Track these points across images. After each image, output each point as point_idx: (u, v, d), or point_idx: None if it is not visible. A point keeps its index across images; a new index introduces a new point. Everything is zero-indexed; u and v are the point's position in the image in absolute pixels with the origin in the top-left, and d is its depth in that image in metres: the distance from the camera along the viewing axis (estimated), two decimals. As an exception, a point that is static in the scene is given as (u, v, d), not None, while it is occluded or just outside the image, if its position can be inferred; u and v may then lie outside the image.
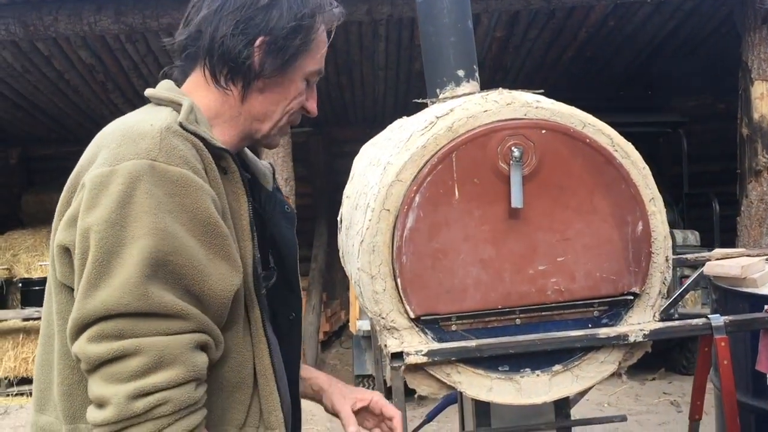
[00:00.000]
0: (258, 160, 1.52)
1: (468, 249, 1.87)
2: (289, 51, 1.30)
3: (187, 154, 1.17)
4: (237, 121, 1.34)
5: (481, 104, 1.89)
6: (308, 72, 1.36)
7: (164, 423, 1.07)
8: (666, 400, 5.72)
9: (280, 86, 1.33)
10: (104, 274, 1.07)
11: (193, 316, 1.11)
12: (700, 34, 7.22)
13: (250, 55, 1.28)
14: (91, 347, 1.06)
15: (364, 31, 6.61)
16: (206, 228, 1.14)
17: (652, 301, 1.96)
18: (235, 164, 1.27)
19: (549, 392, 1.95)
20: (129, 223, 1.08)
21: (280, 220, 1.47)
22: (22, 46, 6.41)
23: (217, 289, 1.13)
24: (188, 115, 1.23)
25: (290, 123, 1.40)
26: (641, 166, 1.92)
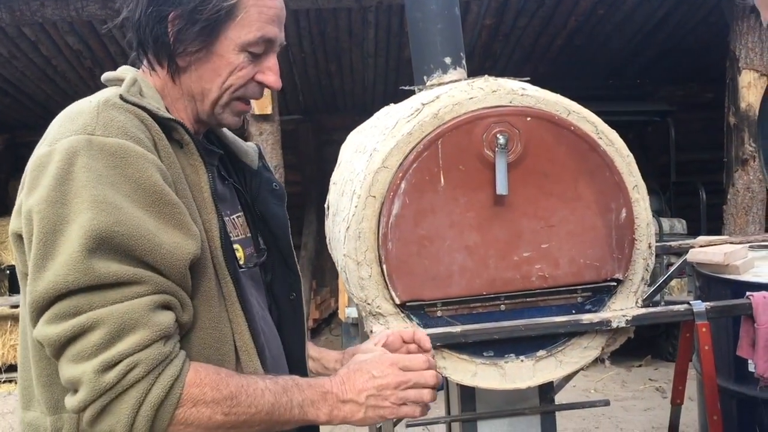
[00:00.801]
0: (240, 140, 1.48)
1: (453, 235, 1.89)
2: (199, 23, 1.20)
3: (126, 124, 1.13)
4: (181, 102, 1.28)
5: (466, 91, 1.90)
6: (242, 43, 1.23)
7: (144, 387, 1.04)
8: (651, 386, 5.78)
9: (208, 62, 1.23)
10: (48, 254, 1.04)
11: (148, 279, 1.07)
12: (689, 23, 7.23)
13: (165, 33, 1.21)
14: (50, 329, 1.04)
15: (354, 18, 6.59)
16: (152, 197, 1.10)
17: (635, 288, 1.98)
18: (189, 135, 1.22)
19: (533, 377, 1.98)
20: (69, 199, 1.05)
21: (267, 198, 1.43)
22: (9, 31, 6.36)
23: (171, 257, 1.09)
24: (129, 88, 1.19)
25: (243, 98, 1.30)
26: (625, 154, 1.93)
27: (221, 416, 1.10)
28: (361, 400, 1.21)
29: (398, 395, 1.22)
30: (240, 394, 1.12)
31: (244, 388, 1.13)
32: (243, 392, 1.12)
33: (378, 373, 1.23)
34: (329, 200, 2.39)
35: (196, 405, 1.08)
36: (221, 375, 1.13)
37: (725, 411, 2.47)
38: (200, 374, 1.10)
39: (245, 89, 1.28)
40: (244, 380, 1.14)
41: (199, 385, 1.09)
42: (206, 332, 1.19)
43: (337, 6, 5.81)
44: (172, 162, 1.18)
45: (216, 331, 1.20)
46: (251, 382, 1.15)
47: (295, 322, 1.46)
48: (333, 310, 8.46)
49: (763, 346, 2.02)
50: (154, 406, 1.04)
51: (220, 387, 1.11)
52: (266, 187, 1.45)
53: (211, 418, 1.10)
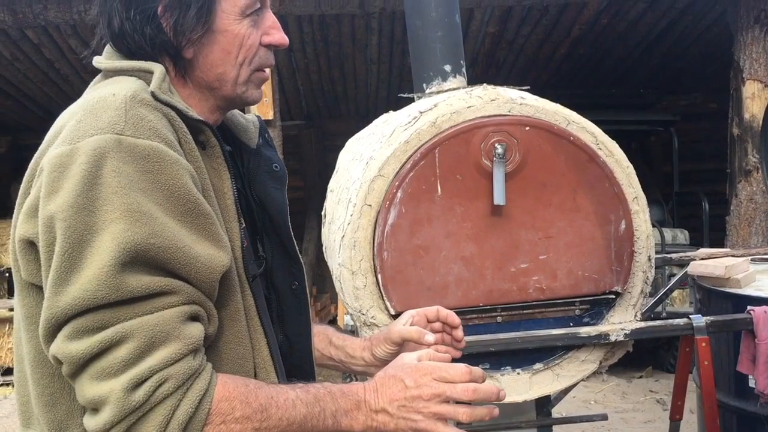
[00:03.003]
0: (239, 114, 1.36)
1: (450, 246, 1.86)
2: (194, 4, 1.11)
3: (157, 125, 1.04)
4: (197, 99, 1.19)
5: (465, 100, 1.88)
6: (241, 7, 1.15)
7: (172, 403, 0.96)
8: (652, 398, 5.73)
9: (215, 43, 1.15)
10: (75, 266, 0.95)
11: (179, 289, 1.00)
12: (693, 32, 7.22)
13: (160, 30, 1.12)
14: (73, 345, 0.95)
15: (357, 24, 6.58)
16: (186, 206, 1.02)
17: (634, 301, 1.96)
18: (216, 138, 1.14)
19: (529, 391, 1.95)
20: (98, 206, 0.96)
21: (265, 180, 1.31)
22: (12, 34, 6.36)
23: (206, 270, 1.02)
24: (161, 84, 1.10)
25: (259, 68, 1.21)
26: (625, 165, 1.91)
27: (251, 430, 1.04)
28: (392, 410, 1.13)
29: (431, 409, 1.13)
30: (270, 406, 1.05)
31: (275, 400, 1.06)
32: (273, 404, 1.06)
33: (411, 382, 1.14)
34: (326, 208, 2.36)
35: (225, 421, 1.02)
36: (250, 387, 1.06)
37: (725, 427, 2.44)
38: (228, 387, 1.03)
39: (258, 58, 1.19)
40: (274, 391, 1.08)
41: (227, 399, 1.02)
42: (230, 348, 1.13)
43: (341, 12, 5.80)
44: (200, 167, 1.10)
45: (240, 347, 1.14)
46: (281, 393, 1.08)
47: (300, 313, 1.36)
48: (333, 317, 8.43)
49: (763, 361, 1.99)
50: (182, 424, 0.97)
51: (249, 400, 1.04)
52: (265, 168, 1.32)
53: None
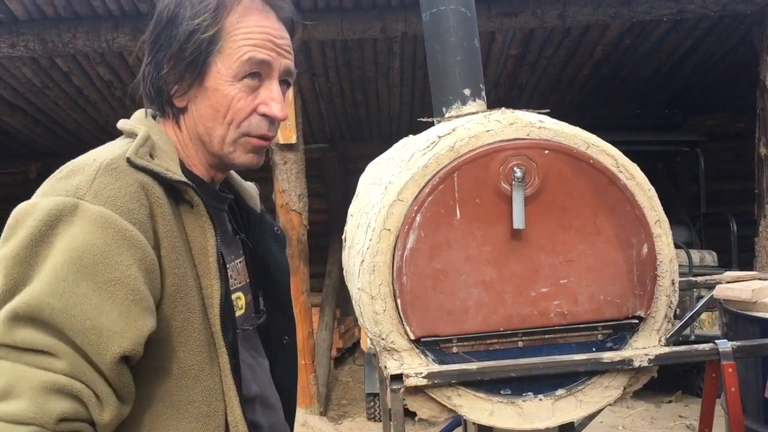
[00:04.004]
0: (242, 181, 1.45)
1: (469, 270, 1.85)
2: (185, 59, 1.17)
3: (118, 193, 1.08)
4: (193, 149, 1.25)
5: (483, 124, 1.88)
6: (234, 72, 1.18)
7: None
8: (682, 423, 5.62)
9: (205, 98, 1.19)
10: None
11: (66, 357, 0.99)
12: (718, 52, 7.17)
13: (162, 78, 1.19)
14: None
15: (379, 48, 6.63)
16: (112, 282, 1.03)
17: (657, 325, 1.92)
18: (199, 197, 1.17)
19: (552, 417, 1.92)
20: (36, 264, 1.01)
21: (270, 244, 1.40)
22: (42, 62, 6.51)
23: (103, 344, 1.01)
24: (139, 149, 1.14)
25: (249, 134, 1.22)
26: (646, 188, 1.89)
27: None
28: None
29: None
30: None
31: None
32: None
33: None
34: (346, 231, 2.37)
35: None
36: None
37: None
38: None
39: (249, 123, 1.22)
40: None
41: None
42: (195, 407, 1.13)
43: (363, 37, 5.86)
44: (170, 230, 1.12)
45: (205, 406, 1.14)
46: None
47: (287, 364, 1.43)
48: (357, 339, 8.40)
49: (793, 387, 1.94)
50: None
51: None
52: (269, 233, 1.41)
53: None
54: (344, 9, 5.62)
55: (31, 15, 5.50)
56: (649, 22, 6.11)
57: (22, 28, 5.60)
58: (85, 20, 5.60)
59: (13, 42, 5.61)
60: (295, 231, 5.74)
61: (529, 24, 5.82)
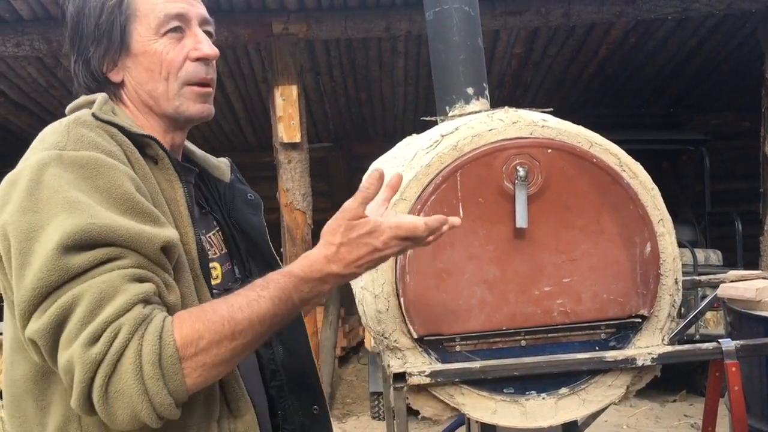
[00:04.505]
0: (211, 156, 1.49)
1: (472, 269, 1.85)
2: (105, 34, 1.24)
3: (97, 139, 1.13)
4: (143, 119, 1.29)
5: (486, 123, 1.88)
6: (153, 28, 1.25)
7: (135, 347, 1.00)
8: (686, 422, 5.61)
9: (138, 64, 1.26)
10: (27, 259, 1.03)
11: (125, 255, 1.05)
12: (723, 51, 7.15)
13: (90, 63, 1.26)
14: (37, 323, 1.02)
15: (383, 48, 6.63)
16: (125, 205, 1.09)
17: (661, 324, 1.92)
18: (163, 150, 1.23)
19: (555, 416, 1.92)
20: (41, 206, 1.04)
21: (243, 209, 1.44)
22: (47, 62, 6.53)
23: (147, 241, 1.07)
24: (102, 106, 1.21)
25: (189, 82, 1.28)
26: (650, 187, 1.88)
27: (229, 343, 1.06)
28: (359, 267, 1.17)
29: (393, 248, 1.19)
30: (234, 312, 1.08)
31: (236, 305, 1.09)
32: (236, 310, 1.08)
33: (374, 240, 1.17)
34: (350, 231, 2.37)
35: (198, 350, 1.04)
36: (205, 307, 1.10)
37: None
38: (183, 317, 1.06)
39: (185, 72, 1.27)
40: (232, 298, 1.11)
41: (189, 327, 1.05)
42: None
43: (367, 36, 5.86)
44: (147, 175, 1.18)
45: None
46: (240, 297, 1.11)
47: (292, 328, 1.45)
48: (361, 338, 8.40)
49: (797, 387, 1.94)
50: (155, 364, 1.00)
51: (211, 318, 1.06)
52: (241, 198, 1.46)
53: (220, 351, 1.06)
54: (348, 8, 5.62)
55: (36, 14, 5.51)
56: (653, 20, 6.09)
57: (27, 28, 5.61)
58: (90, 20, 5.61)
59: (18, 41, 5.63)
60: (299, 230, 5.75)
61: (534, 23, 5.81)
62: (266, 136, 7.37)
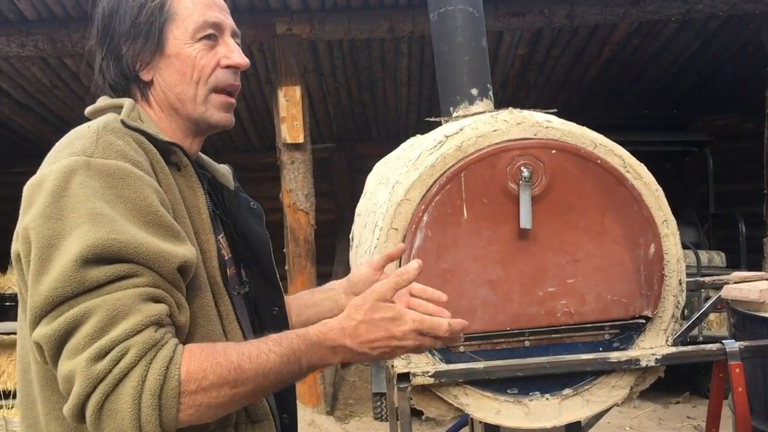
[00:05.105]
0: (214, 163, 1.51)
1: (476, 269, 1.86)
2: (142, 32, 1.26)
3: (125, 148, 1.14)
4: (167, 122, 1.31)
5: (490, 123, 1.88)
6: (190, 33, 1.28)
7: (140, 373, 1.00)
8: (689, 424, 5.60)
9: (170, 66, 1.28)
10: (45, 266, 1.03)
11: (142, 273, 1.06)
12: (727, 52, 7.14)
13: (121, 60, 1.27)
14: (46, 328, 1.02)
15: (387, 48, 6.64)
16: (147, 218, 1.10)
17: (664, 325, 1.92)
18: (188, 158, 1.25)
19: (559, 416, 1.92)
20: (65, 215, 1.05)
21: (248, 217, 1.46)
22: (51, 62, 6.54)
23: (164, 260, 1.08)
24: (130, 113, 1.22)
25: (219, 90, 1.31)
26: (654, 188, 1.89)
27: (229, 389, 1.07)
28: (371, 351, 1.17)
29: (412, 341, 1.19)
30: (242, 362, 1.08)
31: (245, 355, 1.09)
32: (245, 359, 1.09)
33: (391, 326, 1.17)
34: (353, 231, 2.38)
35: (200, 388, 1.05)
36: (217, 348, 1.10)
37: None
38: (194, 353, 1.06)
39: (215, 78, 1.30)
40: (244, 347, 1.12)
41: (197, 364, 1.05)
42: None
43: (370, 36, 5.86)
44: (171, 185, 1.20)
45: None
46: (251, 347, 1.12)
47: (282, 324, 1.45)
48: (364, 339, 8.40)
49: (801, 388, 1.94)
50: (155, 393, 1.00)
51: (219, 360, 1.07)
52: (245, 207, 1.47)
53: (219, 395, 1.06)
54: (352, 8, 5.63)
55: (40, 15, 5.53)
56: (657, 21, 6.09)
57: (31, 28, 5.63)
58: (95, 20, 5.62)
59: (22, 42, 5.65)
60: (302, 230, 5.75)
61: (537, 24, 5.81)
62: (269, 136, 7.38)
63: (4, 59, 6.26)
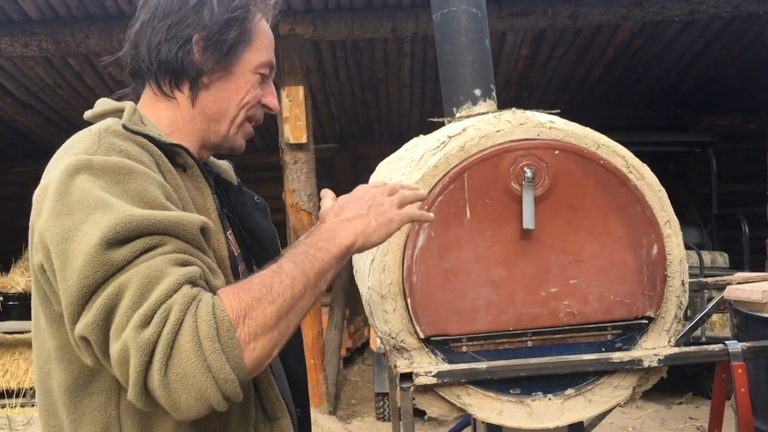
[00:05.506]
0: (216, 160, 1.52)
1: (479, 270, 1.86)
2: (226, 44, 1.28)
3: (129, 148, 1.14)
4: (193, 126, 1.32)
5: (493, 124, 1.89)
6: (256, 65, 1.33)
7: (190, 325, 0.99)
8: (692, 425, 5.60)
9: (228, 81, 1.32)
10: (67, 261, 1.02)
11: (166, 242, 1.05)
12: (730, 53, 7.13)
13: (189, 54, 1.27)
14: (86, 318, 1.00)
15: (389, 49, 6.64)
16: (154, 205, 1.09)
17: (667, 326, 1.92)
18: (193, 159, 1.26)
19: (561, 417, 1.92)
20: (74, 209, 1.04)
21: (253, 212, 1.47)
22: (54, 62, 6.56)
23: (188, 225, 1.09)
24: (131, 116, 1.22)
25: (251, 121, 1.37)
26: (657, 188, 1.89)
27: (272, 306, 1.07)
28: (363, 212, 1.25)
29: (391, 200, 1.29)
30: (266, 280, 1.10)
31: (266, 276, 1.11)
32: (267, 280, 1.10)
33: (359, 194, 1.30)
34: (357, 231, 2.37)
35: (247, 315, 1.04)
36: (239, 283, 1.11)
37: (766, 455, 2.37)
38: (226, 292, 1.07)
39: (255, 111, 1.37)
40: (260, 272, 1.13)
41: (236, 300, 1.05)
42: None
43: (374, 37, 5.86)
44: (179, 185, 1.20)
45: None
46: (267, 270, 1.13)
47: None
48: (366, 339, 8.41)
49: (803, 389, 1.94)
50: (213, 338, 0.99)
51: (248, 287, 1.08)
52: (250, 202, 1.49)
53: (266, 315, 1.06)
54: (355, 9, 5.63)
55: (44, 15, 5.54)
56: (660, 22, 6.08)
57: (35, 28, 5.64)
58: (98, 20, 5.64)
59: (26, 42, 5.66)
60: (305, 231, 5.74)
61: (540, 24, 5.81)
62: (272, 136, 7.39)
63: (7, 59, 6.28)
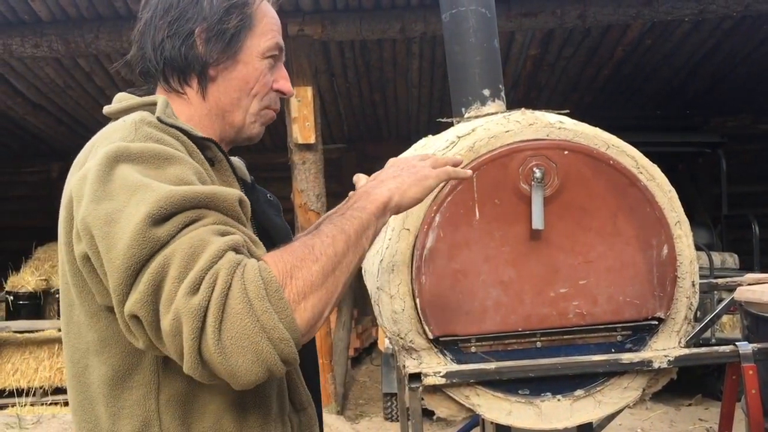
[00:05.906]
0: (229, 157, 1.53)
1: (488, 270, 1.85)
2: (228, 32, 1.28)
3: (164, 137, 1.15)
4: (209, 120, 1.32)
5: (503, 124, 1.88)
6: (263, 49, 1.33)
7: (239, 287, 0.99)
8: (702, 426, 5.57)
9: (235, 71, 1.31)
10: (112, 242, 1.01)
11: (207, 215, 1.06)
12: (740, 53, 7.10)
13: (192, 48, 1.27)
14: (135, 295, 1.00)
15: (398, 49, 6.64)
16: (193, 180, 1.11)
17: (677, 327, 1.91)
18: (222, 152, 1.27)
19: (570, 417, 1.91)
20: (116, 194, 1.04)
21: (266, 209, 1.47)
22: (64, 62, 6.59)
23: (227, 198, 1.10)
24: (165, 109, 1.23)
25: (267, 108, 1.37)
26: (667, 189, 1.88)
27: (316, 265, 1.07)
28: (397, 173, 1.30)
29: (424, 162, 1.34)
30: (307, 243, 1.11)
31: (306, 237, 1.13)
32: (308, 241, 1.11)
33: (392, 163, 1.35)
34: (365, 232, 2.37)
35: (293, 274, 1.05)
36: (281, 248, 1.11)
37: (776, 457, 2.36)
38: (270, 256, 1.07)
39: (269, 98, 1.36)
40: (300, 236, 1.16)
41: (280, 261, 1.06)
42: None
43: (382, 37, 5.87)
44: (211, 177, 1.21)
45: None
46: (308, 233, 1.17)
47: None
48: (374, 339, 8.42)
49: (814, 391, 1.92)
50: (262, 297, 0.99)
51: (291, 249, 1.09)
52: (262, 199, 1.48)
53: (312, 275, 1.06)
54: (363, 9, 5.64)
55: (54, 16, 5.57)
56: (670, 22, 6.06)
57: (45, 29, 5.67)
58: (108, 21, 5.67)
59: (36, 42, 5.69)
60: (313, 231, 5.76)
61: (549, 24, 5.80)
62: (280, 136, 7.40)
63: (18, 59, 6.31)
